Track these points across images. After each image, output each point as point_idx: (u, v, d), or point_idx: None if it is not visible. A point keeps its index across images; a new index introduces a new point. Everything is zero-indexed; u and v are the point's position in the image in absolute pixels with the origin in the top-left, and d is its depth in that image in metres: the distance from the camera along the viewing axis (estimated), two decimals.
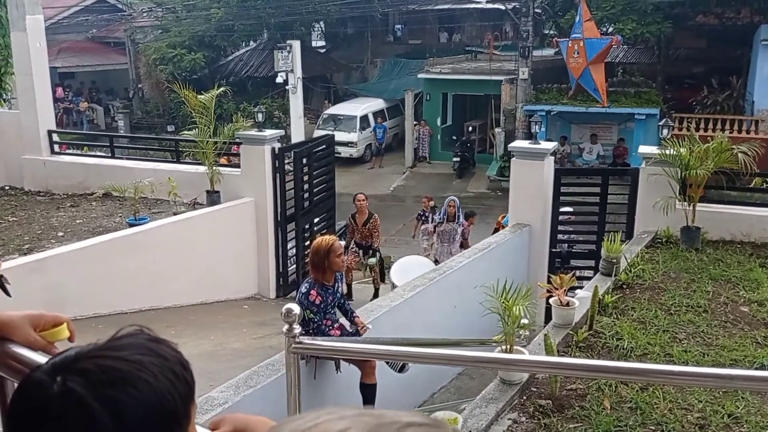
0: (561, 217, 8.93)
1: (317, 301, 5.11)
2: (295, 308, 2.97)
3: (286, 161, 10.11)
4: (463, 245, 9.90)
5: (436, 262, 9.50)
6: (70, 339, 1.38)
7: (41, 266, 7.70)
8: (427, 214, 11.45)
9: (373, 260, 10.27)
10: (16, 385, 1.28)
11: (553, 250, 8.84)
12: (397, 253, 12.59)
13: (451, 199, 10.29)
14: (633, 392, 4.66)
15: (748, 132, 16.89)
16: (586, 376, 4.22)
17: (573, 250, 9.13)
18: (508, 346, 4.84)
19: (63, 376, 0.85)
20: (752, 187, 8.35)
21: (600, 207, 8.70)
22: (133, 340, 0.91)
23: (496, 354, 4.09)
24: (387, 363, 5.13)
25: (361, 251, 10.28)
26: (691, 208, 7.63)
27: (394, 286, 8.14)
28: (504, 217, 10.04)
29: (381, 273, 10.41)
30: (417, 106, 23.41)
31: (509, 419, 4.48)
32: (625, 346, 5.36)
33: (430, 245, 10.43)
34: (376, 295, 9.67)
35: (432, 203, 12.40)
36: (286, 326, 2.96)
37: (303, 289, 5.26)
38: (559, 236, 8.97)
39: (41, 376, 0.87)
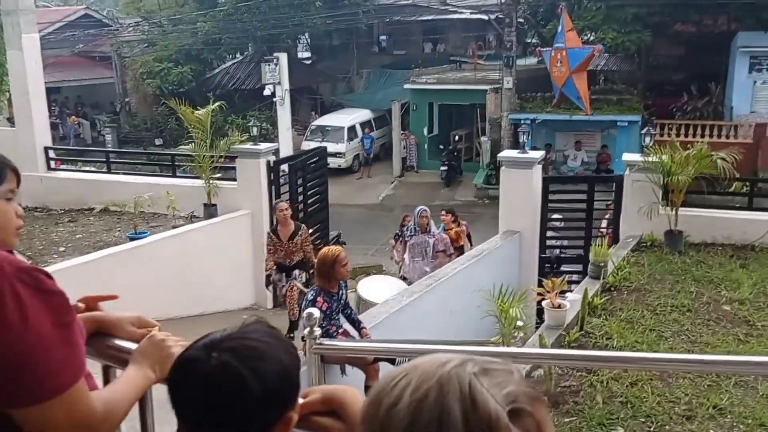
0: (551, 224, 9.24)
1: (323, 307, 5.37)
2: (315, 312, 3.22)
3: (280, 174, 10.36)
4: (445, 254, 8.72)
5: (404, 279, 8.61)
6: None
7: None
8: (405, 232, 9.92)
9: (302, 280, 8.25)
10: (119, 372, 1.56)
11: (543, 255, 9.15)
12: (388, 263, 12.83)
13: (423, 209, 8.96)
14: (623, 387, 4.95)
15: (727, 137, 17.35)
16: (580, 365, 4.49)
17: (562, 255, 9.44)
18: (505, 347, 5.12)
19: (217, 352, 1.11)
20: (731, 191, 8.71)
21: (587, 213, 9.03)
22: (259, 326, 1.18)
23: (498, 348, 4.35)
24: (392, 363, 5.38)
25: (283, 274, 8.25)
26: (673, 212, 7.97)
27: (362, 302, 7.68)
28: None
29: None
30: (404, 116, 23.72)
31: None
32: (614, 345, 5.65)
33: (398, 262, 9.31)
34: (290, 334, 7.70)
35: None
36: (307, 329, 3.21)
37: (309, 296, 5.52)
38: (549, 242, 9.27)
39: (197, 353, 1.13)
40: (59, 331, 1.28)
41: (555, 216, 9.37)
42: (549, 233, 9.25)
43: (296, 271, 8.26)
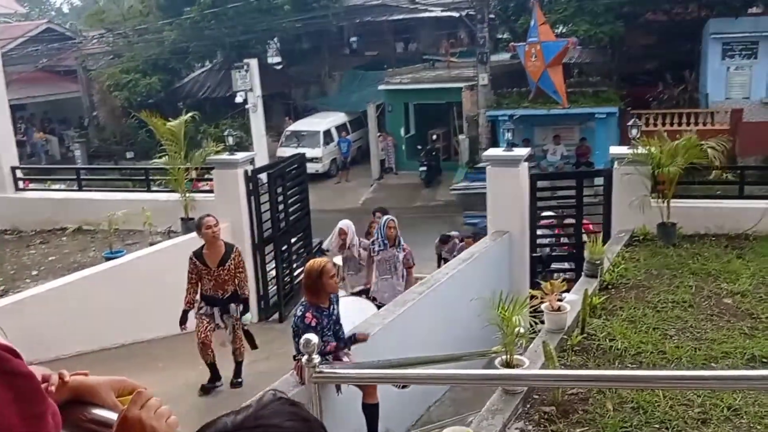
0: (543, 222, 9.06)
1: (313, 323, 5.08)
2: (314, 338, 2.97)
3: (259, 183, 10.05)
4: (408, 274, 7.95)
5: (373, 299, 7.72)
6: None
7: (19, 308, 7.52)
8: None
9: (248, 317, 7.02)
10: None
11: (534, 254, 8.95)
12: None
13: (390, 219, 8.01)
14: (633, 392, 4.73)
15: (705, 124, 17.39)
16: (596, 386, 4.26)
17: (554, 254, 9.26)
18: (509, 356, 4.88)
19: None
20: (722, 180, 8.60)
21: (576, 209, 8.85)
22: (278, 406, 0.94)
23: (512, 371, 4.12)
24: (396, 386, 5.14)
25: (216, 309, 6.75)
26: (665, 204, 7.82)
27: None
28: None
29: (250, 336, 7.01)
30: (380, 117, 23.50)
31: (516, 429, 4.50)
32: (618, 347, 5.45)
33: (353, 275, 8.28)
34: (238, 378, 7.06)
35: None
36: (305, 357, 2.95)
37: (298, 312, 5.24)
38: (541, 240, 9.09)
39: None
40: (28, 424, 1.01)
41: (546, 213, 9.19)
42: (540, 231, 9.05)
43: (233, 306, 6.77)
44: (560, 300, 6.21)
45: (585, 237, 8.49)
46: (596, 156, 18.12)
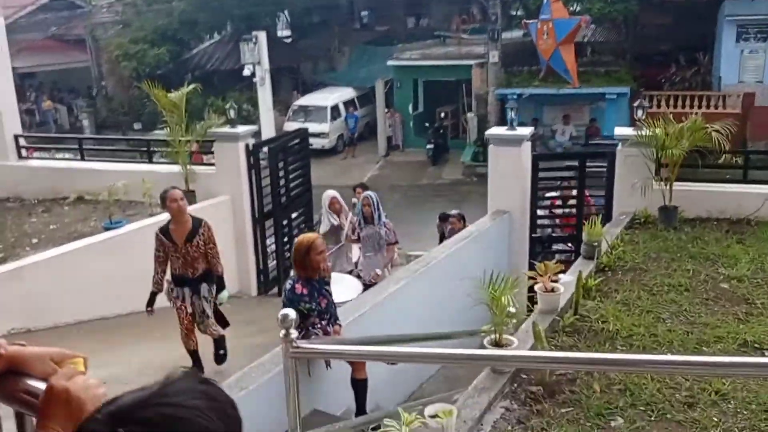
0: (545, 202, 8.98)
1: (305, 292, 5.13)
2: (291, 313, 2.95)
3: (260, 157, 10.01)
4: (388, 251, 7.73)
5: (359, 277, 7.61)
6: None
7: (18, 275, 7.57)
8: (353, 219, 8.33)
9: (225, 295, 6.57)
10: (34, 420, 1.27)
11: (534, 235, 8.90)
12: None
13: (366, 196, 7.71)
14: (621, 374, 4.71)
15: (716, 108, 17.14)
16: (578, 369, 4.24)
17: (554, 235, 9.20)
18: (498, 336, 4.87)
19: (124, 427, 0.84)
20: (726, 164, 8.48)
21: (578, 190, 8.77)
22: (186, 384, 0.90)
23: (491, 351, 4.11)
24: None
25: (187, 290, 6.29)
26: (667, 187, 7.73)
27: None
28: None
29: (221, 315, 6.73)
30: (388, 93, 23.32)
31: (502, 407, 4.51)
32: (610, 329, 5.42)
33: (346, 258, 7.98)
34: (221, 350, 6.72)
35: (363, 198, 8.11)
36: (283, 331, 2.94)
37: (287, 285, 5.28)
38: (542, 221, 9.02)
39: (99, 428, 0.85)
40: None
41: (550, 194, 9.11)
42: (540, 212, 8.99)
43: (204, 286, 6.33)
44: (556, 281, 6.19)
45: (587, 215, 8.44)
46: (606, 137, 17.93)
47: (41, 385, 1.26)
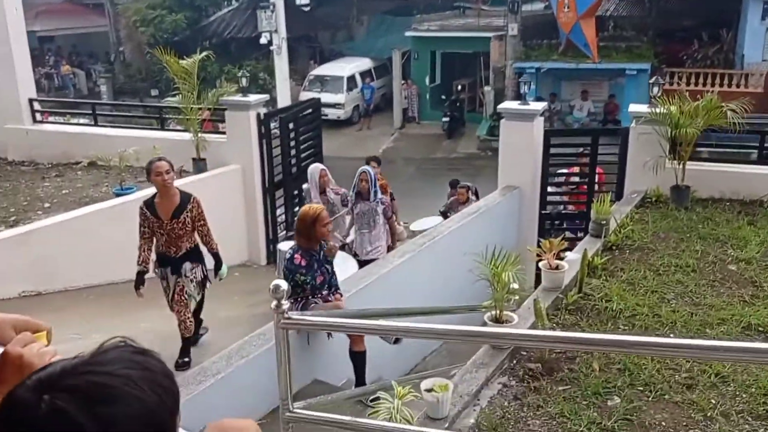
0: (557, 179, 8.90)
1: (303, 263, 5.15)
2: (283, 284, 2.95)
3: (272, 126, 9.99)
4: (391, 228, 7.50)
5: (355, 255, 7.31)
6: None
7: (28, 239, 7.66)
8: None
9: (224, 271, 6.17)
10: None
11: (543, 212, 8.83)
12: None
13: (363, 171, 7.38)
14: (621, 354, 4.70)
15: (738, 86, 16.81)
16: (574, 348, 4.21)
17: (564, 212, 9.13)
18: (498, 312, 4.86)
19: (50, 393, 0.83)
20: (741, 144, 8.33)
21: (590, 167, 8.67)
22: (119, 353, 0.89)
23: (485, 329, 4.10)
24: (381, 337, 5.15)
25: (169, 270, 5.83)
26: (680, 166, 7.62)
27: None
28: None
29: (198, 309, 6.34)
30: (405, 65, 23.10)
31: (499, 383, 4.52)
32: (614, 308, 5.39)
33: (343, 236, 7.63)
34: (185, 357, 6.04)
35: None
36: (275, 302, 2.94)
37: (287, 254, 5.30)
38: (552, 198, 8.95)
39: (25, 394, 0.84)
40: None
41: (562, 171, 9.02)
42: (551, 189, 8.90)
43: (187, 266, 5.83)
44: (562, 258, 6.15)
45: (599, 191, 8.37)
46: (624, 114, 17.67)
47: None
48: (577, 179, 9.26)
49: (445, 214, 9.00)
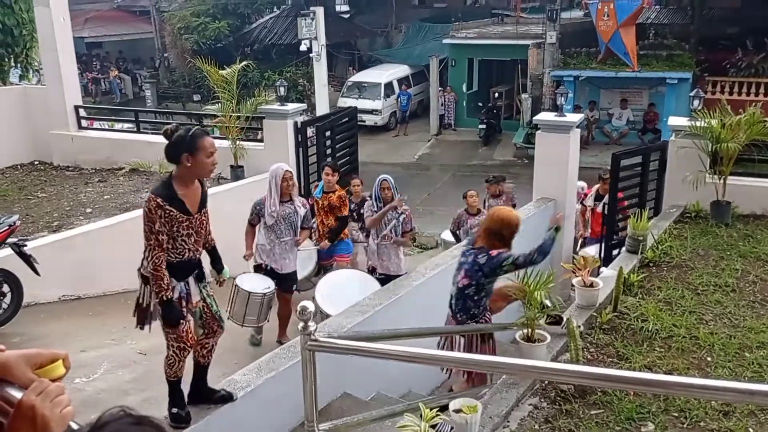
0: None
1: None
2: (310, 306, 2.97)
3: (308, 135, 10.07)
4: (403, 241, 7.10)
5: (373, 270, 7.04)
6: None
7: (70, 244, 7.84)
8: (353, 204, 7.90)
9: (227, 271, 4.80)
10: None
11: None
12: (422, 225, 12.52)
13: (384, 179, 6.98)
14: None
15: None
16: (601, 386, 4.08)
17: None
18: (530, 330, 4.82)
19: None
20: None
21: (641, 185, 8.39)
22: (118, 426, 0.90)
23: (512, 360, 4.00)
24: None
25: (192, 282, 4.37)
26: (721, 181, 7.44)
27: (321, 314, 6.20)
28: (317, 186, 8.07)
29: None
30: (442, 72, 23.08)
31: (530, 405, 4.46)
32: (649, 328, 5.29)
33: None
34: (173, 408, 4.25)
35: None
36: (301, 324, 2.96)
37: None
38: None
39: None
40: None
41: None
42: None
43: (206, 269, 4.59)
44: (598, 275, 6.06)
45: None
46: (664, 123, 17.34)
47: (17, 393, 1.25)
48: (590, 203, 9.06)
49: (455, 234, 8.40)
